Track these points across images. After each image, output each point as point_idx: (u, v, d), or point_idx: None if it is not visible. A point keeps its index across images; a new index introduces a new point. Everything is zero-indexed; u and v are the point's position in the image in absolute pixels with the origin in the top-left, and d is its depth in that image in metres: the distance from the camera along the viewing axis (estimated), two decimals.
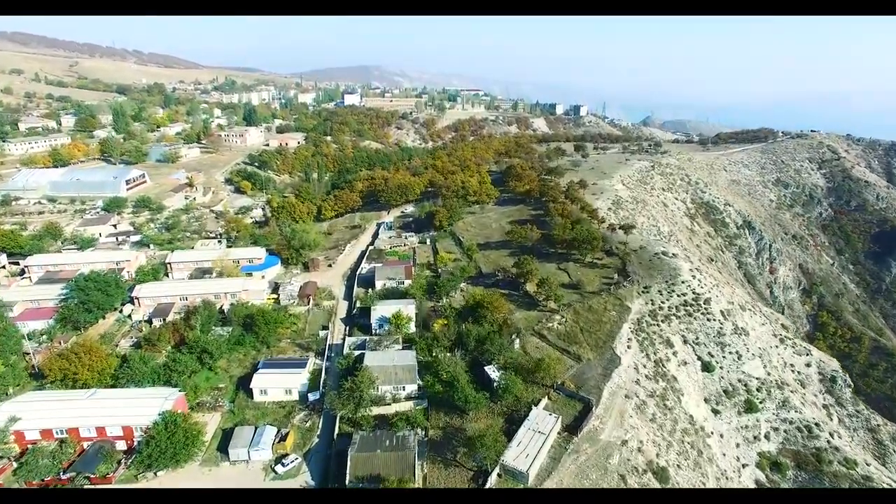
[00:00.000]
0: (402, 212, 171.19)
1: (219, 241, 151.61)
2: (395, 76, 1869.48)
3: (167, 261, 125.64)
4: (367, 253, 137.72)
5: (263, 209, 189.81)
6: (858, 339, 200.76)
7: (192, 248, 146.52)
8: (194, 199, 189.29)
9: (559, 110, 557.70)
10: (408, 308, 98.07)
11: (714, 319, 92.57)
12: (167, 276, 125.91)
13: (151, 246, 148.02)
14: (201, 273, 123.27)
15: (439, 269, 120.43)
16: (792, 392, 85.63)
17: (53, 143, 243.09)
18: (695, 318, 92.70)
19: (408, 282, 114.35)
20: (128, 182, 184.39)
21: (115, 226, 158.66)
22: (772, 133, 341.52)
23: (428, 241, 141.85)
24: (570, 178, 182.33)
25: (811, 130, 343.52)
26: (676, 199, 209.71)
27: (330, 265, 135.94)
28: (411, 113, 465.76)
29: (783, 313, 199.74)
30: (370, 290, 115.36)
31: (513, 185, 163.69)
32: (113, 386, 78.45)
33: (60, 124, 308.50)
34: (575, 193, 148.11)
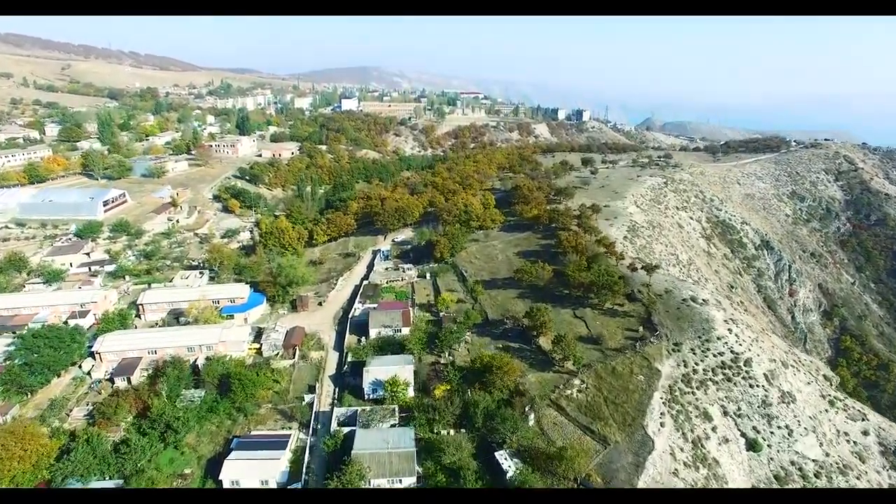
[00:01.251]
0: (399, 239, 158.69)
1: (200, 273, 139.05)
2: (393, 77, 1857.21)
3: (139, 301, 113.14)
4: (362, 289, 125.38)
5: (252, 232, 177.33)
6: (886, 367, 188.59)
7: (171, 280, 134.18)
8: (177, 220, 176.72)
9: (561, 115, 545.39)
10: (405, 370, 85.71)
11: (757, 385, 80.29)
12: (139, 317, 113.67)
13: (127, 277, 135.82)
14: (176, 316, 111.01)
15: (441, 314, 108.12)
16: (857, 478, 73.44)
17: (32, 157, 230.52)
18: (735, 384, 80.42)
19: (405, 329, 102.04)
20: (106, 203, 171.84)
21: (88, 254, 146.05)
22: (784, 142, 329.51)
23: (428, 275, 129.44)
24: (580, 200, 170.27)
25: (824, 139, 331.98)
26: (692, 218, 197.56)
27: (320, 303, 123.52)
28: (410, 119, 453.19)
29: (805, 341, 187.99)
30: (363, 338, 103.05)
31: (519, 208, 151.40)
32: (49, 482, 65.70)
33: (44, 133, 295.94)
34: (588, 221, 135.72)
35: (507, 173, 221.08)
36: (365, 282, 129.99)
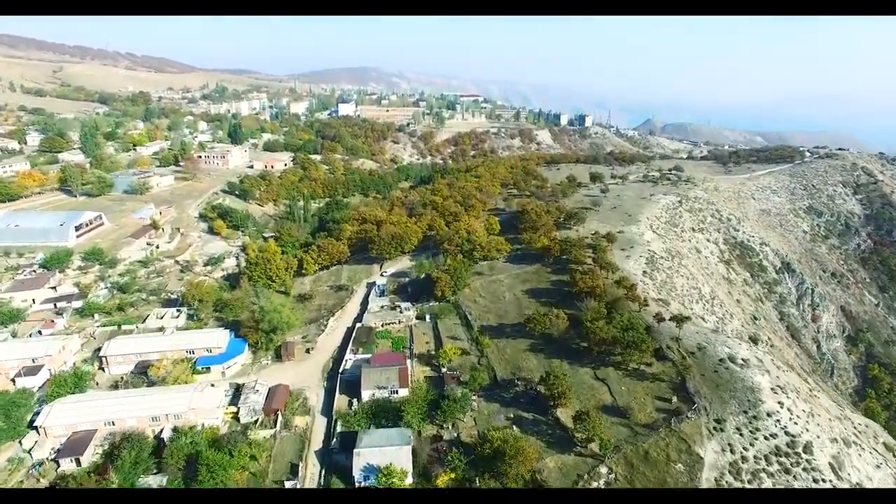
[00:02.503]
0: (396, 270, 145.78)
1: (178, 310, 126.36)
2: (392, 77, 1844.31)
3: (102, 353, 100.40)
4: (354, 333, 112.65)
5: (237, 258, 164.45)
6: None
7: (146, 319, 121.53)
8: (157, 246, 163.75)
9: (563, 121, 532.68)
10: (402, 452, 72.98)
11: (824, 479, 67.63)
12: (103, 369, 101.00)
13: (96, 316, 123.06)
14: (144, 369, 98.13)
15: (442, 369, 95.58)
16: None
17: (5, 171, 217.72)
18: (795, 477, 67.80)
19: (403, 391, 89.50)
20: (79, 228, 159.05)
21: (54, 287, 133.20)
22: (798, 152, 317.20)
23: (428, 316, 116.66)
24: (592, 225, 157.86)
25: (838, 149, 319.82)
26: (709, 240, 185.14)
27: (308, 350, 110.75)
28: (408, 125, 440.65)
29: (833, 372, 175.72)
30: (355, 400, 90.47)
31: (527, 237, 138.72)
32: None
33: (25, 143, 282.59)
34: (603, 255, 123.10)
35: (510, 190, 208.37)
36: (358, 324, 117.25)
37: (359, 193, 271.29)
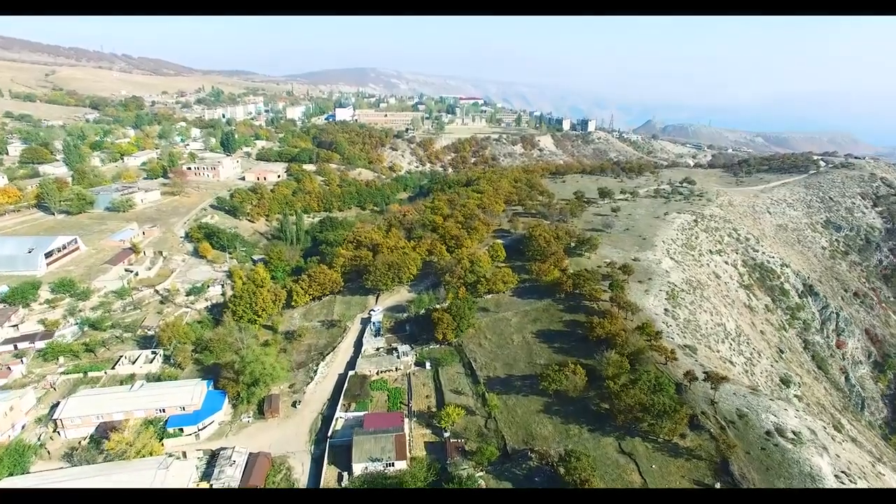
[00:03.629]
0: (393, 303, 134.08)
1: (153, 353, 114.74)
2: (391, 78, 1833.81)
3: (55, 416, 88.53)
4: (347, 383, 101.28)
5: (223, 286, 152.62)
6: None
7: (116, 364, 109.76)
8: (136, 273, 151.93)
9: (566, 125, 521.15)
10: None
11: None
12: (58, 433, 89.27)
13: (61, 359, 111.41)
14: (105, 433, 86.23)
15: (445, 434, 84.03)
16: None
17: None
18: None
19: (400, 463, 77.93)
20: (50, 254, 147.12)
21: (17, 325, 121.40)
22: (811, 161, 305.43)
23: (428, 364, 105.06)
24: (605, 251, 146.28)
25: (854, 157, 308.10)
26: (727, 262, 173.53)
27: (295, 403, 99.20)
28: (407, 131, 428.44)
29: (863, 405, 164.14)
30: (346, 475, 78.87)
31: (536, 268, 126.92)
32: None
33: (6, 153, 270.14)
34: (621, 293, 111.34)
35: (515, 208, 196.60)
36: (351, 372, 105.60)
37: (355, 206, 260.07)
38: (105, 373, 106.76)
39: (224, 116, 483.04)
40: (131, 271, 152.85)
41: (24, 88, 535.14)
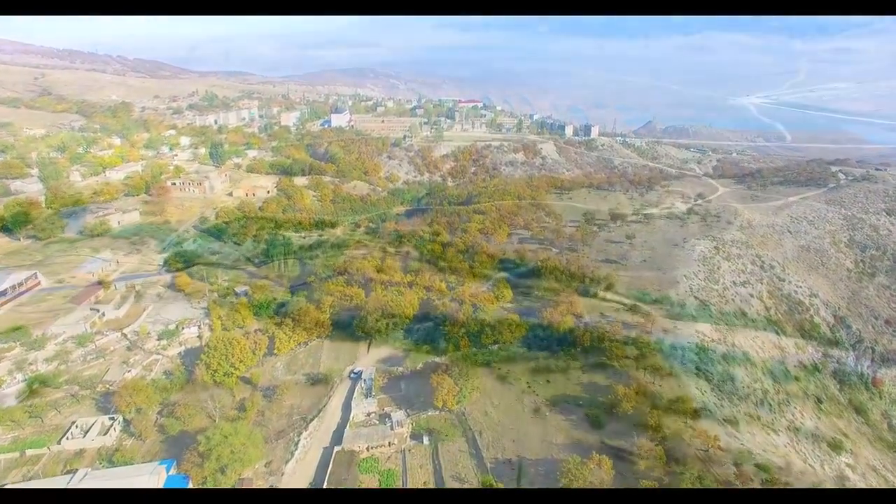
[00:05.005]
0: (386, 355, 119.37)
1: (111, 419, 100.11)
2: (390, 79, 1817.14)
3: None
4: (332, 462, 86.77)
5: (199, 326, 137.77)
6: None
7: (62, 438, 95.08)
8: (102, 313, 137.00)
9: (568, 132, 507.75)
10: None
11: None
12: None
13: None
14: None
15: None
16: None
17: None
18: None
19: None
20: (2, 294, 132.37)
21: None
22: (830, 174, 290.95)
23: (426, 438, 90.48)
24: (622, 288, 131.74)
25: (875, 168, 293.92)
26: (752, 295, 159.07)
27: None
28: (405, 138, 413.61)
29: None
30: None
31: (548, 315, 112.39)
32: None
33: None
34: (649, 355, 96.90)
35: (519, 232, 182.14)
36: (337, 448, 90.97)
37: (349, 224, 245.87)
38: (49, 449, 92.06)
39: (216, 123, 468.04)
40: (98, 311, 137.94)
41: (9, 93, 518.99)
